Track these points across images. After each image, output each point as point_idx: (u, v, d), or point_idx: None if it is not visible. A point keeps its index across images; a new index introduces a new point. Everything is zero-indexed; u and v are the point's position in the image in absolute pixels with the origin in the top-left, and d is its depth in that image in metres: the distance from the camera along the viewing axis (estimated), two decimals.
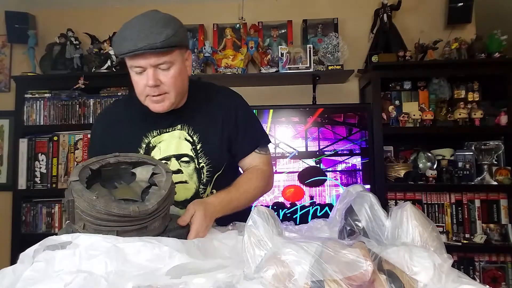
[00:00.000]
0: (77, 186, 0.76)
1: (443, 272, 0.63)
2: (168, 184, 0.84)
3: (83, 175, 0.82)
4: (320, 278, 0.58)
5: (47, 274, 0.66)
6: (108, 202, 0.75)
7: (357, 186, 0.93)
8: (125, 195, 0.85)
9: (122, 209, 0.74)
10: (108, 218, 0.75)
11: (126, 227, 0.77)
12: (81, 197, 0.75)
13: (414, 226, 0.72)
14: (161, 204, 0.80)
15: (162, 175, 0.87)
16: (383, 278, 0.61)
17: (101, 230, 0.76)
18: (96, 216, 0.75)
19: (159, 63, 1.00)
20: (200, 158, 1.13)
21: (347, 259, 0.60)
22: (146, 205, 0.77)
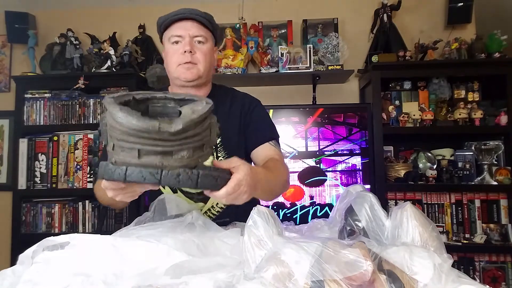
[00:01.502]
0: (108, 99, 0.70)
1: (443, 272, 0.62)
2: (204, 111, 0.72)
3: (124, 100, 0.73)
4: (320, 278, 0.58)
5: (46, 275, 0.66)
6: (130, 113, 0.67)
7: (357, 186, 0.93)
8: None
9: (141, 121, 0.65)
10: (129, 132, 0.67)
11: (147, 146, 0.68)
12: (108, 110, 0.68)
13: (414, 226, 0.72)
14: (189, 128, 0.69)
15: (200, 104, 0.75)
16: (383, 278, 0.61)
17: (124, 148, 0.70)
18: (119, 130, 0.68)
19: (196, 35, 1.14)
20: (219, 152, 1.15)
21: (347, 259, 0.60)
22: (170, 124, 0.67)
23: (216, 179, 0.76)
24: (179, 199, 1.06)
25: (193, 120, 0.70)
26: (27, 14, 2.66)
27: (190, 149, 0.72)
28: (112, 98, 0.70)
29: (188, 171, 0.71)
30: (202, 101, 0.77)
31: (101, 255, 0.69)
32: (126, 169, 0.69)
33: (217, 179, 0.77)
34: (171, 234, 0.83)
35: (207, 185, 0.75)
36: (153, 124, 0.65)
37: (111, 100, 0.70)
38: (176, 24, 1.14)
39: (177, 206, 1.02)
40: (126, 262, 0.69)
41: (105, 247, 0.71)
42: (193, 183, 0.72)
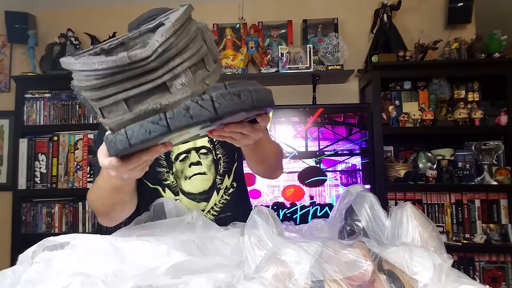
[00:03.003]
0: (65, 58, 0.55)
1: (443, 272, 0.62)
2: (179, 15, 0.56)
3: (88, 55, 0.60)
4: (320, 278, 0.58)
5: (46, 275, 0.66)
6: (88, 58, 0.53)
7: (357, 186, 0.93)
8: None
9: (104, 60, 0.51)
10: (101, 83, 0.54)
11: (130, 90, 0.54)
12: (70, 70, 0.55)
13: (414, 226, 0.72)
14: (168, 42, 0.53)
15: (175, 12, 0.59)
16: (383, 278, 0.60)
17: (109, 106, 0.57)
18: (89, 86, 0.55)
19: None
20: (217, 150, 1.15)
21: (347, 259, 0.60)
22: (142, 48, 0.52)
23: (238, 94, 0.56)
24: (178, 204, 1.06)
25: (168, 30, 0.53)
26: (27, 14, 2.66)
27: (187, 71, 0.56)
28: (70, 56, 0.56)
29: (197, 99, 0.55)
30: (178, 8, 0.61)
31: (101, 255, 0.69)
32: (125, 131, 0.56)
33: (239, 95, 0.56)
34: (171, 234, 0.83)
35: (228, 107, 0.56)
36: (120, 58, 0.50)
37: (68, 58, 0.55)
38: None
39: (175, 209, 1.01)
40: (126, 262, 0.69)
41: (105, 247, 0.71)
42: (210, 112, 0.55)
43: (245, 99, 0.57)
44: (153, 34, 0.58)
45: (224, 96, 0.55)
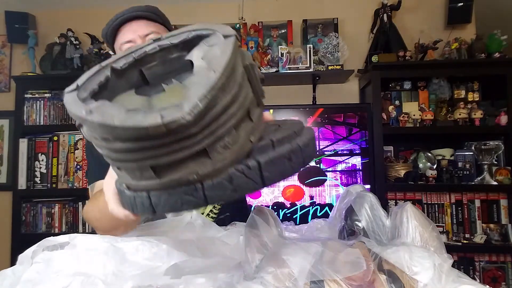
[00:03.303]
0: (68, 98, 0.45)
1: (443, 272, 0.62)
2: (228, 56, 0.43)
3: (96, 84, 0.49)
4: (320, 278, 0.58)
5: (46, 275, 0.66)
6: (106, 111, 0.41)
7: (357, 186, 0.93)
8: (169, 99, 0.48)
9: (129, 120, 0.39)
10: (122, 148, 0.43)
11: (162, 157, 0.43)
12: (72, 114, 0.44)
13: (414, 226, 0.72)
14: (214, 99, 0.41)
15: (217, 41, 0.48)
16: (383, 278, 0.60)
17: (129, 168, 0.47)
18: (104, 145, 0.45)
19: (147, 33, 0.99)
20: None
21: (347, 259, 0.60)
22: (178, 107, 0.39)
23: (288, 158, 0.48)
24: None
25: (216, 82, 0.41)
26: (27, 14, 2.66)
27: (231, 129, 0.45)
28: (74, 91, 0.47)
29: (242, 168, 0.46)
30: (216, 33, 0.49)
31: (101, 255, 0.69)
32: (149, 196, 0.47)
33: (290, 158, 0.48)
34: (171, 234, 0.83)
35: (277, 175, 0.48)
36: (152, 125, 0.39)
37: (72, 97, 0.45)
38: (121, 30, 1.00)
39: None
40: (126, 262, 0.69)
41: (105, 247, 0.71)
42: (257, 183, 0.47)
43: (295, 160, 0.49)
44: (176, 50, 0.53)
45: (274, 162, 0.47)
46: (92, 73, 0.51)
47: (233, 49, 0.45)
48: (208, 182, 0.45)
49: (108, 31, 1.01)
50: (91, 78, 0.50)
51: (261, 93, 0.53)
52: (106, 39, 1.04)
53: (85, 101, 0.45)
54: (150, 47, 0.54)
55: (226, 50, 0.44)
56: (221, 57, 0.44)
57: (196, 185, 0.45)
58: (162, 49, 0.54)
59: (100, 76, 0.51)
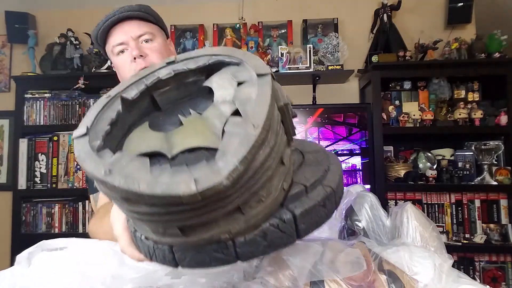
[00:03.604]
0: (80, 148, 0.41)
1: (443, 272, 0.62)
2: (265, 106, 0.39)
3: (109, 119, 0.45)
4: (320, 278, 0.58)
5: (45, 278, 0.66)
6: (131, 170, 0.37)
7: (357, 186, 0.93)
8: (192, 138, 0.43)
9: (152, 186, 0.35)
10: (146, 211, 0.39)
11: (191, 220, 0.39)
12: (87, 172, 0.39)
13: (415, 226, 0.72)
14: (252, 158, 0.37)
15: (248, 77, 0.44)
16: (384, 278, 0.60)
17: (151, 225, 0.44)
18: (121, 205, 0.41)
19: (140, 34, 0.94)
20: None
21: (347, 259, 0.60)
22: (215, 171, 0.35)
23: (323, 204, 0.46)
24: None
25: (257, 140, 0.37)
26: (27, 14, 2.66)
27: (266, 182, 0.41)
28: (84, 137, 0.42)
29: (277, 222, 0.42)
30: (244, 65, 0.45)
31: (100, 258, 0.69)
32: (173, 251, 0.44)
33: (324, 204, 0.46)
34: None
35: (313, 226, 0.46)
36: (185, 192, 0.34)
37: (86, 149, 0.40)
38: (112, 32, 0.94)
39: None
40: (124, 266, 0.68)
41: (103, 250, 0.70)
42: (292, 237, 0.43)
43: (330, 206, 0.47)
44: (193, 75, 0.48)
45: (309, 212, 0.44)
46: (100, 107, 0.47)
47: (271, 94, 0.41)
48: (240, 239, 0.42)
49: (99, 33, 0.95)
50: (101, 115, 0.46)
51: (293, 132, 0.49)
52: (97, 41, 0.98)
53: (99, 152, 0.40)
54: (164, 73, 0.50)
55: (264, 96, 0.40)
56: (259, 106, 0.39)
57: (227, 243, 0.42)
58: (176, 74, 0.50)
59: (110, 111, 0.46)
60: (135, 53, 0.91)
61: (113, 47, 0.95)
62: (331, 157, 0.56)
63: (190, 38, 2.59)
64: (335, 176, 0.51)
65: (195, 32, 2.61)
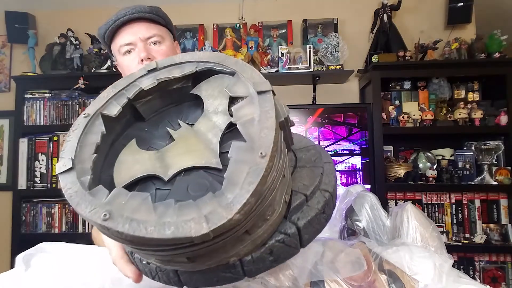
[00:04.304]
0: (68, 187, 0.39)
1: (443, 272, 0.62)
2: (272, 132, 0.38)
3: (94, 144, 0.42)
4: (320, 278, 0.58)
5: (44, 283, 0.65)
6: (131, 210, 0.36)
7: (357, 186, 0.93)
8: (187, 156, 0.42)
9: (160, 230, 0.33)
10: (153, 250, 0.39)
11: (199, 250, 0.38)
12: (84, 217, 0.37)
13: (415, 226, 0.72)
14: (263, 186, 0.36)
15: (249, 100, 0.41)
16: (384, 278, 0.60)
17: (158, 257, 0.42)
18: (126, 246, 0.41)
19: (149, 36, 0.94)
20: None
21: (348, 259, 0.60)
22: (225, 205, 0.34)
23: (323, 211, 0.46)
24: None
25: (267, 169, 0.36)
26: (27, 14, 2.66)
27: (272, 201, 0.40)
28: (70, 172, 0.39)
29: (283, 238, 0.42)
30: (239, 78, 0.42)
31: (99, 262, 0.69)
32: (178, 275, 0.43)
33: (324, 211, 0.46)
34: None
35: (315, 234, 0.47)
36: (197, 234, 0.33)
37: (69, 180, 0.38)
38: (120, 31, 0.94)
39: None
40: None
41: (102, 254, 0.70)
42: (296, 249, 0.44)
43: (328, 211, 0.48)
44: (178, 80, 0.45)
45: (312, 222, 0.45)
46: (80, 132, 0.43)
47: (276, 115, 0.39)
48: (248, 258, 0.42)
49: (107, 32, 0.95)
50: (82, 140, 0.43)
51: (292, 142, 0.48)
52: (104, 39, 0.97)
53: (92, 190, 0.38)
54: (147, 83, 0.46)
55: (268, 119, 0.38)
56: (265, 132, 0.37)
57: (235, 264, 0.41)
58: (160, 83, 0.47)
59: (92, 134, 0.43)
60: (143, 55, 0.91)
61: (120, 47, 0.95)
62: (323, 155, 0.56)
63: (190, 38, 2.59)
64: (331, 177, 0.51)
65: (195, 32, 2.61)
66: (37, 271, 0.68)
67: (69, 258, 0.70)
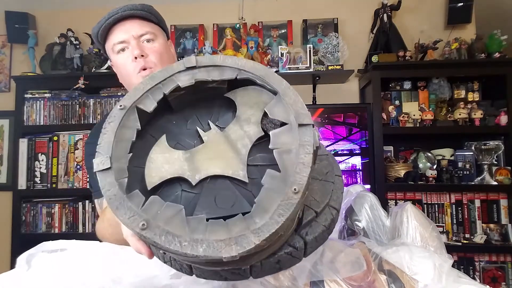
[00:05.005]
0: (107, 187, 0.40)
1: (443, 272, 0.62)
2: (307, 168, 0.40)
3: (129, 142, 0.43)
4: (320, 278, 0.58)
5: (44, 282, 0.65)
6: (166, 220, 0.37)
7: (357, 186, 0.93)
8: (216, 163, 0.43)
9: (193, 247, 0.36)
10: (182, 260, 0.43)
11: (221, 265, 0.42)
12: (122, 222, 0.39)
13: (415, 226, 0.72)
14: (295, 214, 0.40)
15: (288, 128, 0.43)
16: (383, 278, 0.60)
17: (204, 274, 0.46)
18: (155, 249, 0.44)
19: (142, 33, 0.94)
20: None
21: (347, 259, 0.60)
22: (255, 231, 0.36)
23: (328, 227, 0.49)
24: None
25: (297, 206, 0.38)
26: (27, 14, 2.66)
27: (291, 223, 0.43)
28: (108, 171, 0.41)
29: (290, 250, 0.45)
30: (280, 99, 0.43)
31: (100, 261, 0.69)
32: (192, 267, 0.46)
33: (329, 227, 0.49)
34: None
35: (317, 246, 0.49)
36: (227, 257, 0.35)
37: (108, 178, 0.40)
38: (113, 30, 0.94)
39: None
40: (124, 270, 0.68)
41: (103, 254, 0.70)
42: (300, 259, 0.47)
43: (332, 227, 0.50)
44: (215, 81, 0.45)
45: (318, 237, 0.47)
46: (117, 124, 0.44)
47: (314, 151, 0.40)
48: (257, 264, 0.44)
49: (100, 30, 0.94)
50: (119, 135, 0.43)
51: (314, 162, 0.48)
52: (97, 38, 0.97)
53: (129, 194, 0.39)
54: (184, 80, 0.46)
55: (306, 156, 0.39)
56: (301, 168, 0.39)
57: (245, 268, 0.45)
58: (197, 83, 0.47)
59: (127, 129, 0.44)
60: (136, 52, 0.91)
61: (113, 45, 0.95)
62: (335, 167, 0.56)
63: (190, 38, 2.59)
64: (339, 193, 0.52)
65: (195, 32, 2.61)
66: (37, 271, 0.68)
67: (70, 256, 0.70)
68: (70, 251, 0.71)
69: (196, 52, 2.50)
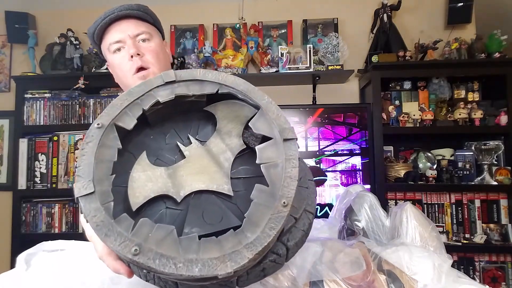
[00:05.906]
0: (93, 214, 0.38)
1: (443, 272, 0.62)
2: (294, 178, 0.41)
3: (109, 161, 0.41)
4: (319, 278, 0.58)
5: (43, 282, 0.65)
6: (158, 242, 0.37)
7: (357, 186, 0.93)
8: (199, 178, 0.43)
9: (188, 267, 0.36)
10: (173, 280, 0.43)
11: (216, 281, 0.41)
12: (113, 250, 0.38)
13: (414, 226, 0.72)
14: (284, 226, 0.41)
15: (273, 143, 0.43)
16: (383, 278, 0.60)
17: None
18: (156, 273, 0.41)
19: (138, 33, 0.95)
20: None
21: (347, 259, 0.60)
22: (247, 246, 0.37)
23: (306, 232, 0.50)
24: None
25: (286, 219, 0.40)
26: (27, 14, 2.66)
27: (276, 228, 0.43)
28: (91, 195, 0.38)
29: (275, 258, 0.46)
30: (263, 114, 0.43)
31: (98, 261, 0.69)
32: (178, 284, 0.45)
33: (307, 232, 0.51)
34: None
35: (297, 250, 0.51)
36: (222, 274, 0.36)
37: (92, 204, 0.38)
38: (109, 29, 0.95)
39: None
40: None
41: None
42: (282, 264, 0.49)
43: (309, 231, 0.52)
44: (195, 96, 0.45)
45: (298, 242, 0.49)
46: (96, 144, 0.42)
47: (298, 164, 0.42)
48: (243, 275, 0.45)
49: (96, 30, 0.95)
50: (98, 156, 0.42)
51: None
52: (93, 38, 0.98)
53: (116, 219, 0.38)
54: (164, 95, 0.45)
55: (292, 169, 0.40)
56: (288, 182, 0.40)
57: (232, 280, 0.45)
58: (176, 98, 0.46)
59: (106, 148, 0.42)
60: (132, 51, 0.91)
61: (109, 45, 0.95)
62: (307, 172, 0.57)
63: (190, 38, 2.59)
64: (313, 197, 0.53)
65: (195, 32, 2.61)
66: (37, 271, 0.68)
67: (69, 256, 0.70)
68: (69, 251, 0.71)
69: (196, 52, 2.50)
